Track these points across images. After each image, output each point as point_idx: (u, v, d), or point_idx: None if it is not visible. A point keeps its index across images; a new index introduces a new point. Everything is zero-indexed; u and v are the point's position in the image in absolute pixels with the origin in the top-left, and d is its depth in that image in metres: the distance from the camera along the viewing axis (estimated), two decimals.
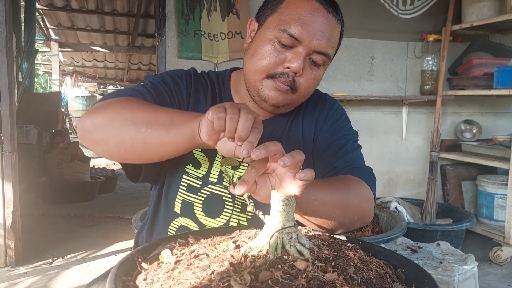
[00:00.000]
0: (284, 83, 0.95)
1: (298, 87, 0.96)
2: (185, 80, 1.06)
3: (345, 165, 1.01)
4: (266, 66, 0.95)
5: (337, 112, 1.13)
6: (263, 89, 0.97)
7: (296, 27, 0.92)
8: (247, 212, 1.04)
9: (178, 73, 1.07)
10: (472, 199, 3.63)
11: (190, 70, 1.11)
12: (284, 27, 0.93)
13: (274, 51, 0.94)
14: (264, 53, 0.95)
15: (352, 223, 0.93)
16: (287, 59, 0.94)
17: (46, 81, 15.56)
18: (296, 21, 0.92)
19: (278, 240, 0.67)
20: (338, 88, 3.28)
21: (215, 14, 2.98)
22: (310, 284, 0.57)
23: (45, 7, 6.17)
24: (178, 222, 1.04)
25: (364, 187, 0.97)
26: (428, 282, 0.66)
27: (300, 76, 0.95)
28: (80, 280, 2.57)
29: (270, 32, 0.95)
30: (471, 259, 2.02)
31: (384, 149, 3.50)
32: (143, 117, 0.82)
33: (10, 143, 2.62)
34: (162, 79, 1.03)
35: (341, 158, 1.03)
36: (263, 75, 0.96)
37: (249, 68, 0.99)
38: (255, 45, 0.98)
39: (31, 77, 5.55)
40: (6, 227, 2.66)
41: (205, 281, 0.58)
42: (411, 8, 3.37)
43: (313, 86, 1.00)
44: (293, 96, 0.98)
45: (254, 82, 0.98)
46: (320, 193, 0.84)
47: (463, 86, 3.31)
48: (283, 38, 0.93)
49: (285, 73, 0.94)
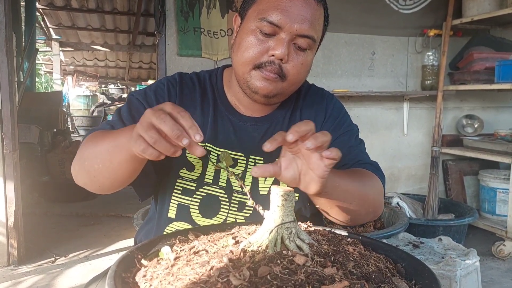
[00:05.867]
0: (271, 71, 0.94)
1: (287, 74, 0.95)
2: (167, 90, 1.05)
3: (355, 161, 1.02)
4: (252, 57, 0.95)
5: (336, 108, 1.12)
6: (252, 81, 0.97)
7: (275, 13, 0.91)
8: (244, 211, 1.04)
9: (160, 84, 1.07)
10: (474, 194, 3.62)
11: (175, 76, 1.10)
12: (264, 16, 0.92)
13: (257, 41, 0.94)
14: (247, 45, 0.95)
15: (367, 214, 0.95)
16: (271, 47, 0.93)
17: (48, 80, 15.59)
18: (275, 8, 0.92)
19: (278, 235, 0.67)
20: (338, 84, 3.28)
21: (215, 11, 2.97)
22: (309, 279, 0.56)
23: (46, 6, 6.17)
24: (173, 227, 1.04)
25: (376, 181, 0.98)
26: (428, 276, 0.66)
27: (287, 63, 0.94)
28: (83, 278, 2.57)
29: (251, 23, 0.95)
30: (473, 254, 2.02)
31: (385, 144, 3.49)
32: (94, 152, 0.86)
33: (12, 142, 2.62)
34: (145, 96, 1.04)
35: (348, 154, 1.03)
36: (250, 67, 0.96)
37: (236, 62, 0.99)
38: (239, 39, 0.98)
39: (32, 77, 5.55)
40: (9, 226, 2.67)
41: (204, 277, 0.58)
42: (411, 3, 3.35)
43: (303, 71, 0.99)
44: (283, 84, 0.97)
45: (242, 74, 0.98)
46: (342, 181, 0.84)
47: (464, 81, 3.29)
48: (264, 26, 0.93)
49: (271, 61, 0.94)
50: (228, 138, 1.05)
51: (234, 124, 1.06)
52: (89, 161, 0.87)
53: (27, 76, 4.76)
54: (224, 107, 1.07)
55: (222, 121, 1.06)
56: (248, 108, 1.07)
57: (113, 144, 0.81)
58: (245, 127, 1.06)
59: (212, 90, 1.09)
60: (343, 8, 3.17)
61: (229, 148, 1.03)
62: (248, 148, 1.05)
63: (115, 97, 11.12)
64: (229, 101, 1.08)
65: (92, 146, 0.88)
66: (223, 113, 1.07)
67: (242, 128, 1.06)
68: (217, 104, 1.08)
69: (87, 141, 0.92)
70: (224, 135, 1.05)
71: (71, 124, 8.67)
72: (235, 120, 1.07)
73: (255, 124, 1.07)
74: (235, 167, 1.03)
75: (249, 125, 1.07)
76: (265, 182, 1.04)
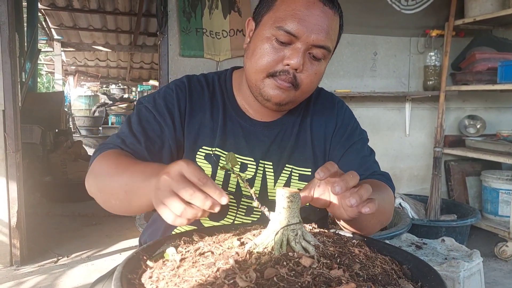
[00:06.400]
0: (285, 80, 0.93)
1: (300, 83, 0.95)
2: (176, 96, 1.03)
3: (370, 172, 1.03)
4: (266, 65, 0.94)
5: (347, 116, 1.12)
6: (265, 89, 0.96)
7: (292, 23, 0.90)
8: (252, 215, 1.03)
9: (169, 90, 1.05)
10: (476, 194, 3.62)
11: (183, 79, 1.08)
12: (280, 24, 0.91)
13: (273, 49, 0.93)
14: (262, 52, 0.94)
15: (381, 225, 0.96)
16: (286, 56, 0.92)
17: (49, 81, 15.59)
18: (292, 16, 0.91)
19: (283, 237, 0.66)
20: (341, 85, 3.27)
21: (217, 11, 2.97)
22: (315, 281, 0.56)
23: (47, 7, 6.18)
24: (180, 229, 1.03)
25: (390, 192, 0.99)
26: (434, 278, 0.65)
27: (301, 72, 0.94)
28: (85, 278, 2.58)
29: (267, 30, 0.94)
30: (476, 255, 2.01)
31: (387, 145, 3.49)
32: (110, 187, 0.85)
33: (14, 142, 2.63)
34: (154, 104, 1.02)
35: (363, 164, 1.04)
36: (263, 75, 0.95)
37: (249, 69, 0.98)
38: (253, 45, 0.97)
39: (34, 77, 5.56)
40: (11, 227, 2.67)
41: (211, 278, 0.58)
42: (413, 3, 3.35)
43: (316, 81, 0.98)
44: (296, 92, 0.96)
45: (255, 82, 0.97)
46: None
47: (467, 81, 3.29)
48: (280, 35, 0.91)
49: (286, 71, 0.93)
50: (237, 143, 1.04)
51: (244, 128, 1.05)
52: (105, 194, 0.87)
53: (30, 76, 4.77)
54: (234, 111, 1.06)
55: (232, 125, 1.05)
56: (258, 112, 1.06)
57: (131, 188, 0.80)
58: (255, 132, 1.05)
59: (222, 93, 1.08)
60: (345, 8, 3.12)
61: (238, 153, 1.02)
62: (258, 153, 1.04)
63: (116, 97, 11.11)
64: (238, 105, 1.07)
65: (108, 177, 0.86)
66: (232, 117, 1.06)
67: (252, 133, 1.05)
68: (227, 107, 1.06)
69: (100, 162, 0.90)
70: (234, 140, 1.04)
71: (72, 124, 8.67)
72: (245, 124, 1.06)
73: (265, 129, 1.06)
74: (245, 172, 1.03)
75: (259, 129, 1.06)
76: (274, 187, 1.04)
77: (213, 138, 1.03)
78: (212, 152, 1.02)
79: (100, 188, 0.88)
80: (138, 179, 0.78)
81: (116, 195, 0.84)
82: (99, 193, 0.89)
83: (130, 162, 0.87)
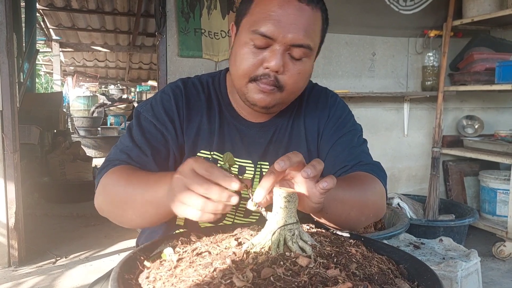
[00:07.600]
0: (267, 84, 0.93)
1: (284, 84, 0.94)
2: (174, 102, 1.03)
3: (356, 161, 1.00)
4: (247, 70, 0.93)
5: (339, 108, 1.11)
6: (249, 94, 0.96)
7: (266, 25, 0.89)
8: (250, 217, 1.04)
9: (166, 96, 1.04)
10: (474, 194, 3.62)
11: (178, 83, 1.07)
12: (256, 28, 0.90)
13: (251, 53, 0.92)
14: (242, 58, 0.93)
15: (367, 219, 0.93)
16: (265, 59, 0.91)
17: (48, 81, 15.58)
18: (266, 19, 0.90)
19: (280, 237, 0.67)
20: (339, 85, 3.28)
21: (215, 12, 2.97)
22: (312, 281, 0.56)
23: (46, 7, 6.17)
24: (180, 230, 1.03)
25: (377, 183, 0.96)
26: (431, 278, 0.66)
27: (283, 74, 0.93)
28: (84, 279, 2.57)
29: (245, 35, 0.93)
30: (474, 254, 2.02)
31: (386, 145, 3.49)
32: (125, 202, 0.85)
33: (12, 143, 2.62)
34: (153, 113, 1.01)
35: (350, 155, 1.02)
36: (246, 80, 0.95)
37: (233, 74, 0.98)
38: (234, 51, 0.97)
39: (33, 78, 5.55)
40: (9, 227, 2.67)
41: (208, 278, 0.58)
42: (412, 4, 3.36)
43: (301, 80, 0.97)
44: (282, 94, 0.95)
45: (240, 87, 0.97)
46: (339, 193, 0.82)
47: (465, 82, 3.30)
48: (256, 39, 0.91)
49: (266, 74, 0.92)
50: (235, 146, 1.04)
51: (240, 130, 1.05)
52: (120, 209, 0.87)
53: (28, 77, 4.76)
54: (229, 114, 1.06)
55: (229, 128, 1.05)
56: (251, 114, 1.06)
57: (146, 198, 0.80)
58: (251, 134, 1.05)
59: (216, 95, 1.08)
60: (343, 9, 3.17)
61: (236, 156, 1.02)
62: (256, 155, 1.04)
63: (115, 97, 11.11)
64: (233, 107, 1.07)
65: (122, 190, 0.85)
66: (229, 120, 1.06)
67: (248, 135, 1.05)
68: (222, 110, 1.06)
69: (111, 177, 0.90)
70: (231, 143, 1.04)
71: (71, 124, 8.66)
72: (241, 126, 1.06)
73: (261, 130, 1.06)
74: (243, 175, 1.03)
75: (255, 131, 1.06)
76: None
77: (211, 142, 1.03)
78: (210, 156, 1.02)
79: (114, 203, 0.88)
80: (154, 188, 0.78)
81: (132, 208, 0.84)
82: (112, 209, 0.89)
83: (143, 173, 0.87)
